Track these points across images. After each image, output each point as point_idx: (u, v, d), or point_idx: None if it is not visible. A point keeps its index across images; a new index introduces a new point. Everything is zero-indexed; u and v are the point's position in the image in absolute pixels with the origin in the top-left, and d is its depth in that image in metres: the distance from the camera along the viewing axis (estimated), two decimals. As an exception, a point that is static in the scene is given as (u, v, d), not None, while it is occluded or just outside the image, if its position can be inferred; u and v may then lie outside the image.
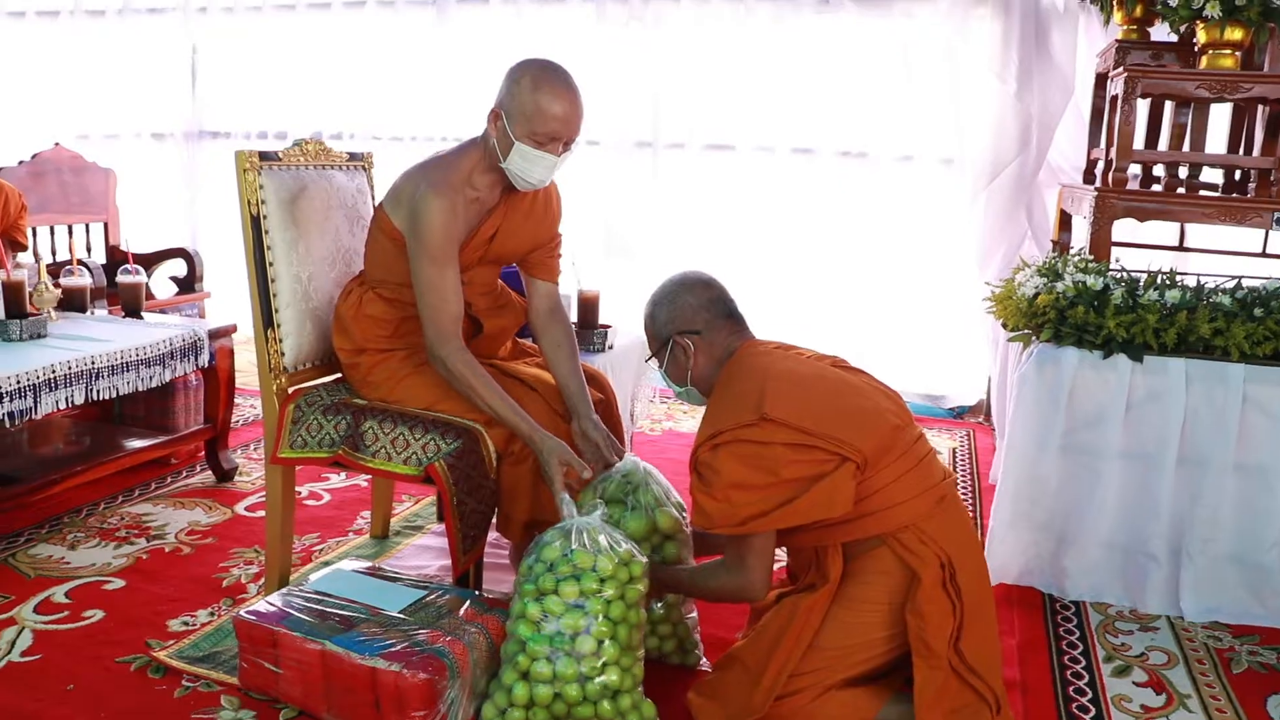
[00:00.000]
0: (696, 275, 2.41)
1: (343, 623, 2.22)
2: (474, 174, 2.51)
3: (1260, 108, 3.49)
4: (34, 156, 4.81)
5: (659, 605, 2.50)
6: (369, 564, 2.57)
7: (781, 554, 2.54)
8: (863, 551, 2.16)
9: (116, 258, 4.85)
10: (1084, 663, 2.63)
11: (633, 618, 2.15)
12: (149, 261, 4.87)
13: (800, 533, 2.17)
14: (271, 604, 2.29)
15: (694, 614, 2.59)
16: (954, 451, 4.38)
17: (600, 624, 2.10)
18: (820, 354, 2.39)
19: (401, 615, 2.28)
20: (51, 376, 2.95)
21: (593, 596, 2.11)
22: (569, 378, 2.66)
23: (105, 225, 5.09)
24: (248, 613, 2.27)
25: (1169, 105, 3.70)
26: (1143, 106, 3.67)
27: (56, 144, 4.97)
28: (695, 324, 2.33)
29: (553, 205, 2.72)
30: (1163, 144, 3.76)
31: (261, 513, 3.40)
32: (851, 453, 2.07)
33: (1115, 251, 3.36)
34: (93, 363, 3.08)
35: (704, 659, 2.56)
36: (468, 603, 2.35)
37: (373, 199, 3.03)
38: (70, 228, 4.92)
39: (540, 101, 2.38)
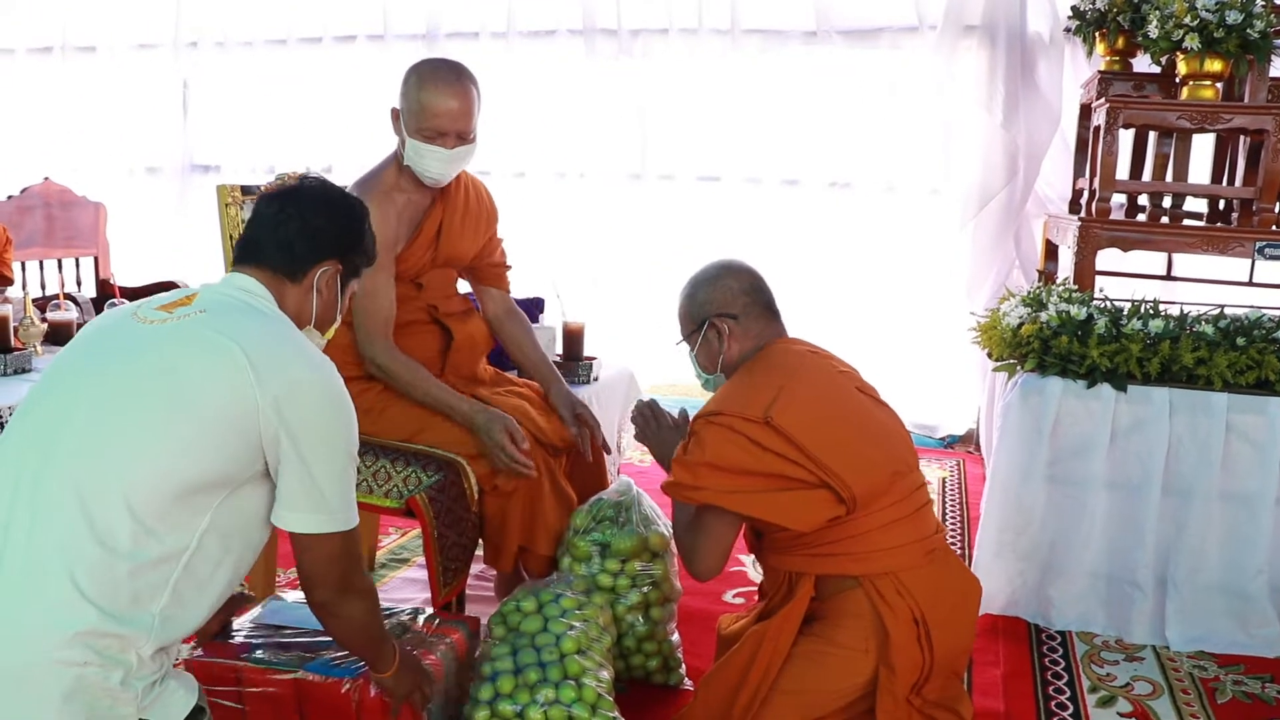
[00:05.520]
0: (739, 262, 2.34)
1: (307, 650, 2.19)
2: (400, 178, 2.60)
3: (1241, 138, 3.51)
4: (22, 191, 4.81)
5: (643, 622, 2.50)
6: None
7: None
8: (837, 590, 2.10)
9: (107, 291, 4.85)
10: (1069, 693, 2.62)
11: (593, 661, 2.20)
12: (139, 295, 4.85)
13: (779, 552, 2.15)
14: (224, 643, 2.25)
15: (676, 635, 2.60)
16: (944, 481, 4.37)
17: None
18: (853, 369, 2.32)
19: None
20: (35, 411, 2.93)
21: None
22: (538, 362, 2.81)
23: (95, 259, 5.09)
24: (204, 653, 2.20)
25: (1152, 135, 3.72)
26: (1128, 137, 3.69)
27: (46, 178, 4.98)
28: (733, 308, 2.25)
29: (484, 200, 2.80)
30: (1146, 174, 3.77)
31: (247, 546, 3.38)
32: (838, 486, 2.02)
33: (1102, 281, 3.37)
34: (77, 397, 3.06)
35: (686, 679, 2.57)
36: (422, 618, 2.35)
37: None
38: (60, 261, 4.92)
39: (424, 99, 2.51)
